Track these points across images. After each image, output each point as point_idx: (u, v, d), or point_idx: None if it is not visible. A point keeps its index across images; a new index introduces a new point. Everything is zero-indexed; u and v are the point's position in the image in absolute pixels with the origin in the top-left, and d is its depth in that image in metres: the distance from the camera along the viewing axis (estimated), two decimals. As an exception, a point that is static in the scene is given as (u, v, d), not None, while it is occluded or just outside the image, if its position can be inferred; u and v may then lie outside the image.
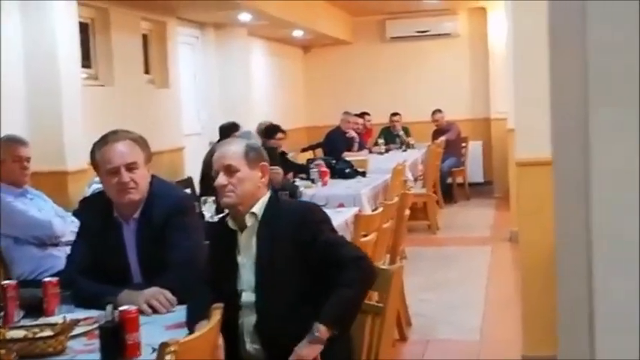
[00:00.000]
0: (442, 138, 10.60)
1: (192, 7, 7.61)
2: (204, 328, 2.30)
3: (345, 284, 2.63)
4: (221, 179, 2.78)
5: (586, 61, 0.71)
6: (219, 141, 6.80)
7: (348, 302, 2.64)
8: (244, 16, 8.17)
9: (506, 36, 7.36)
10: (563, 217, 0.83)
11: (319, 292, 2.68)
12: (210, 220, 4.42)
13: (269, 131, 7.04)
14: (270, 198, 2.88)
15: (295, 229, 2.75)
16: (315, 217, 2.83)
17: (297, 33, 10.35)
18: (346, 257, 2.69)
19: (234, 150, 2.82)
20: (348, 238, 4.43)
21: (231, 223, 2.85)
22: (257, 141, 5.58)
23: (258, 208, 2.82)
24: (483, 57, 11.48)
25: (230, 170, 2.78)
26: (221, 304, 2.42)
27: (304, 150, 10.16)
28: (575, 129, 0.70)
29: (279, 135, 7.15)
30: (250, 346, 2.77)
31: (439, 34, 11.87)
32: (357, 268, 2.66)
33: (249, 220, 2.81)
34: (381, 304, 2.87)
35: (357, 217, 4.45)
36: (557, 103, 0.76)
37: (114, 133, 3.13)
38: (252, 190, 2.82)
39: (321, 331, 2.57)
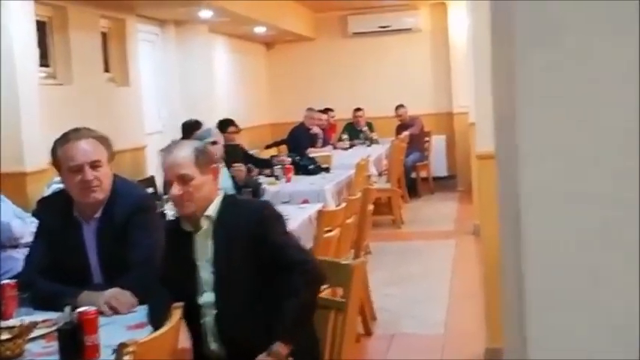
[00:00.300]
0: (406, 133, 10.65)
1: (152, 4, 7.54)
2: (164, 327, 2.28)
3: (291, 293, 2.64)
4: (176, 190, 2.74)
5: (512, 60, 0.72)
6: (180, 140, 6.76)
7: (297, 313, 2.65)
8: (205, 13, 8.11)
9: (467, 32, 7.41)
10: (502, 213, 0.83)
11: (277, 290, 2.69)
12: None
13: (222, 125, 7.00)
14: (224, 198, 2.87)
15: (253, 227, 2.75)
16: (269, 214, 2.84)
17: (260, 29, 10.31)
18: (291, 261, 2.70)
19: (183, 156, 2.77)
20: (312, 234, 4.43)
21: (185, 226, 2.84)
22: (219, 138, 5.57)
23: (213, 210, 2.81)
24: (445, 52, 11.55)
25: (184, 180, 2.75)
26: (181, 304, 2.41)
27: (268, 147, 10.14)
28: (508, 125, 0.71)
29: (232, 129, 7.12)
30: (213, 345, 2.78)
31: (401, 30, 11.91)
32: (302, 273, 2.67)
33: (204, 223, 2.80)
34: (343, 300, 2.87)
35: (321, 213, 4.45)
36: (495, 99, 0.76)
37: (76, 130, 3.09)
38: (208, 194, 2.81)
39: (280, 347, 2.58)
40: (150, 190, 5.34)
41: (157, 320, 2.52)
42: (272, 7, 9.56)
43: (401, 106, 11.12)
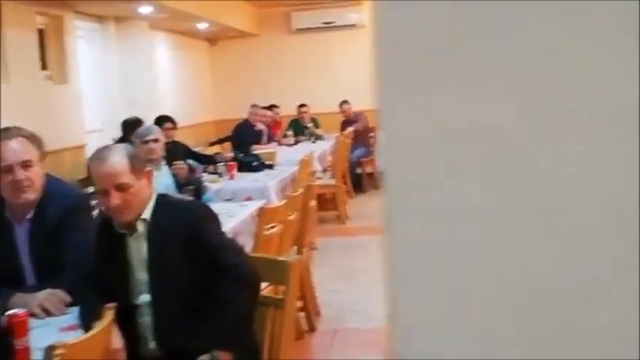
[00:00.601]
0: (350, 129, 10.66)
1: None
2: (94, 329, 2.24)
3: (228, 300, 2.62)
4: (116, 200, 2.69)
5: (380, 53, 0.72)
6: (121, 139, 6.66)
7: (236, 320, 2.64)
8: (145, 9, 8.01)
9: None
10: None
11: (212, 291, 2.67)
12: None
13: (158, 122, 6.92)
14: (158, 199, 2.83)
15: (189, 227, 2.72)
16: (204, 213, 2.84)
17: (202, 26, 10.23)
18: (225, 263, 2.68)
19: (118, 162, 2.72)
20: (253, 230, 4.40)
21: (118, 227, 2.79)
22: (160, 135, 5.48)
23: (147, 213, 2.78)
24: (388, 47, 11.60)
25: (122, 188, 2.70)
26: (114, 304, 2.38)
27: (212, 144, 10.07)
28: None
29: (168, 125, 7.03)
30: (150, 344, 2.75)
31: (345, 25, 11.94)
32: (235, 277, 2.66)
33: (139, 226, 2.77)
34: (281, 297, 2.86)
35: (262, 210, 4.42)
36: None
37: (6, 130, 3.03)
38: (144, 199, 2.77)
39: (222, 355, 2.57)
40: (91, 189, 5.24)
41: (88, 322, 2.48)
42: (214, 2, 9.48)
43: (345, 102, 11.13)
